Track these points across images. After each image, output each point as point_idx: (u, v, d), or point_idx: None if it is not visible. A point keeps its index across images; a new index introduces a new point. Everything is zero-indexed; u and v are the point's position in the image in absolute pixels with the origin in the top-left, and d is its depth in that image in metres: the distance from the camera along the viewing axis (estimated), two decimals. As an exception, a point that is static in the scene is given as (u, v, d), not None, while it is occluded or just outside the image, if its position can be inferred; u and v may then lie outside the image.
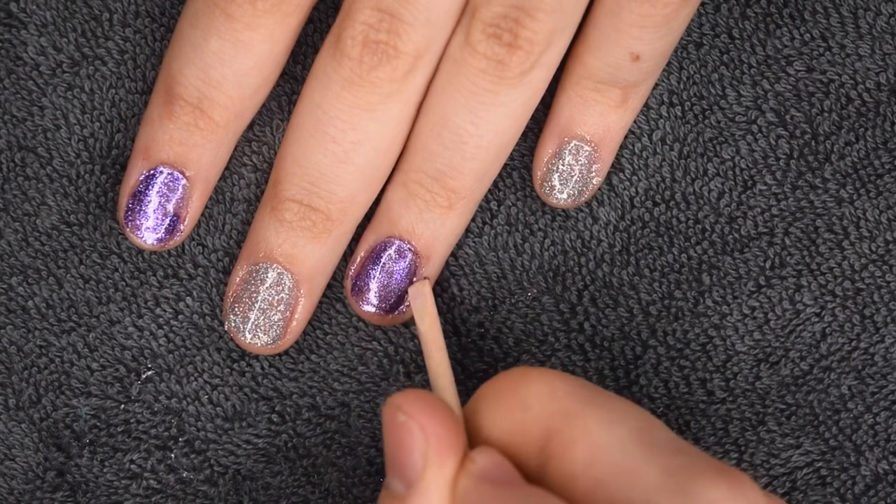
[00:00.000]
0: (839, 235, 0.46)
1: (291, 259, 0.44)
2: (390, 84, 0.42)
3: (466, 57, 0.42)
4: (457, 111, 0.43)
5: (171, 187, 0.44)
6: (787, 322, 0.46)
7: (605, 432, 0.36)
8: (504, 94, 0.42)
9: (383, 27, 0.41)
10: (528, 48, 0.42)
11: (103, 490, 0.46)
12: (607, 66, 0.43)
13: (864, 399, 0.46)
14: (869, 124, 0.46)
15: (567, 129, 0.45)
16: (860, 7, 0.46)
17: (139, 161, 0.44)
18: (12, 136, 0.46)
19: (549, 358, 0.46)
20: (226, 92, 0.43)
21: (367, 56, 0.41)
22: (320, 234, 0.43)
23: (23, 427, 0.46)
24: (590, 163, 0.45)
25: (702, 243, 0.46)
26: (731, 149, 0.46)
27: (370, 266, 0.44)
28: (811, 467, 0.46)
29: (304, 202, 0.43)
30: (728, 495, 0.35)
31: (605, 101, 0.44)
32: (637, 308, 0.46)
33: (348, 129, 0.42)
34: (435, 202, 0.43)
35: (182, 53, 0.43)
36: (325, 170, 0.43)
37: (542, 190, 0.45)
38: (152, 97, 0.44)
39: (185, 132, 0.43)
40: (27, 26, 0.46)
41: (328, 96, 0.42)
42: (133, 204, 0.44)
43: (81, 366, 0.46)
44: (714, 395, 0.46)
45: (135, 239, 0.44)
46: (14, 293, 0.46)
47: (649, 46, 0.43)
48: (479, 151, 0.43)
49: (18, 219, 0.46)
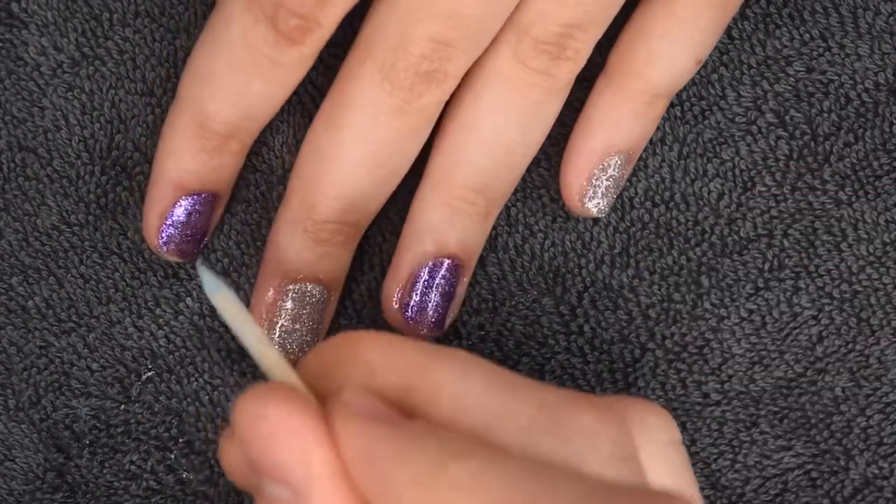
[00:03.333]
0: (837, 237, 0.46)
1: (329, 274, 0.44)
2: (438, 107, 0.42)
3: (518, 72, 0.42)
4: (508, 125, 0.43)
5: (203, 211, 0.44)
6: (784, 325, 0.46)
7: (464, 381, 0.34)
8: (550, 103, 0.43)
9: (437, 56, 0.41)
10: (576, 58, 0.42)
11: (103, 491, 0.46)
12: (671, 77, 0.43)
13: (858, 402, 0.46)
14: (868, 125, 0.46)
15: (613, 144, 0.44)
16: (859, 6, 0.46)
17: (170, 189, 0.43)
18: (13, 137, 0.46)
19: (549, 361, 0.46)
20: (261, 122, 0.43)
21: (418, 85, 0.41)
22: (350, 242, 0.44)
23: (22, 428, 0.46)
24: (624, 171, 0.45)
25: (701, 245, 0.46)
26: (730, 149, 0.46)
27: (415, 286, 0.44)
28: (802, 469, 0.46)
29: (341, 220, 0.43)
30: (598, 419, 0.34)
31: (653, 114, 0.44)
32: (636, 311, 0.46)
33: (395, 153, 0.42)
34: (476, 213, 0.44)
35: (221, 96, 0.42)
36: (367, 192, 0.43)
37: (582, 204, 0.45)
38: (177, 126, 0.43)
39: (219, 160, 0.43)
40: (28, 26, 0.46)
41: (378, 126, 0.42)
42: (168, 229, 0.44)
43: (81, 366, 0.46)
44: (709, 398, 0.46)
45: (173, 258, 0.44)
46: (14, 293, 0.46)
47: (707, 49, 0.43)
48: (524, 160, 0.44)
49: (19, 219, 0.46)
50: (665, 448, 0.37)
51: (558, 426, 0.34)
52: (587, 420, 0.34)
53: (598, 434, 0.34)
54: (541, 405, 0.34)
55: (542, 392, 0.35)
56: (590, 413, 0.34)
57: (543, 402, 0.34)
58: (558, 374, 0.46)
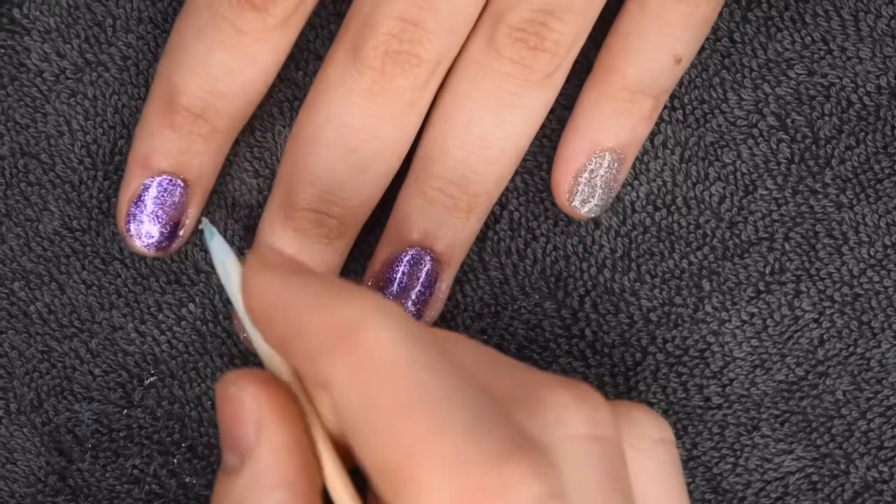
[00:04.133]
0: (838, 240, 0.46)
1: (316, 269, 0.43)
2: (412, 92, 0.42)
3: (492, 61, 0.42)
4: (483, 116, 0.42)
5: (172, 194, 0.43)
6: (786, 328, 0.46)
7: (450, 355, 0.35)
8: (528, 95, 0.42)
9: (406, 37, 0.41)
10: (555, 50, 0.42)
11: (105, 494, 0.46)
12: (649, 73, 0.43)
13: (859, 405, 0.46)
14: (869, 128, 0.46)
15: (599, 143, 0.44)
16: (861, 10, 0.46)
17: (139, 169, 0.43)
18: (15, 143, 0.46)
19: (551, 364, 0.46)
20: (230, 101, 0.43)
21: (389, 66, 0.41)
22: (334, 239, 0.43)
23: (25, 431, 0.46)
24: (617, 172, 0.44)
25: (702, 248, 0.46)
26: (732, 153, 0.46)
27: (392, 277, 0.44)
28: (802, 473, 0.46)
29: (321, 210, 0.43)
30: (575, 398, 0.35)
31: (639, 112, 0.44)
32: (638, 314, 0.46)
33: (370, 139, 0.42)
34: (456, 207, 0.43)
35: (185, 64, 0.42)
36: (344, 179, 0.42)
37: (570, 202, 0.45)
38: (150, 105, 0.43)
39: (188, 141, 0.43)
40: (30, 32, 0.46)
41: (349, 107, 0.42)
42: (134, 212, 0.44)
43: (84, 371, 0.46)
44: (710, 401, 0.46)
45: (136, 246, 0.44)
46: (16, 298, 0.46)
47: (689, 47, 0.43)
48: (503, 154, 0.43)
49: (21, 224, 0.46)
50: (656, 445, 0.37)
51: (532, 400, 0.35)
52: (563, 398, 0.35)
53: (571, 410, 0.35)
54: (520, 381, 0.35)
55: (524, 372, 0.36)
56: (566, 392, 0.35)
57: (522, 379, 0.35)
58: (560, 378, 0.46)
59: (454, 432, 0.32)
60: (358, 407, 0.33)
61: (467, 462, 0.32)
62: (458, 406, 0.33)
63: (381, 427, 0.33)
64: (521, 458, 0.32)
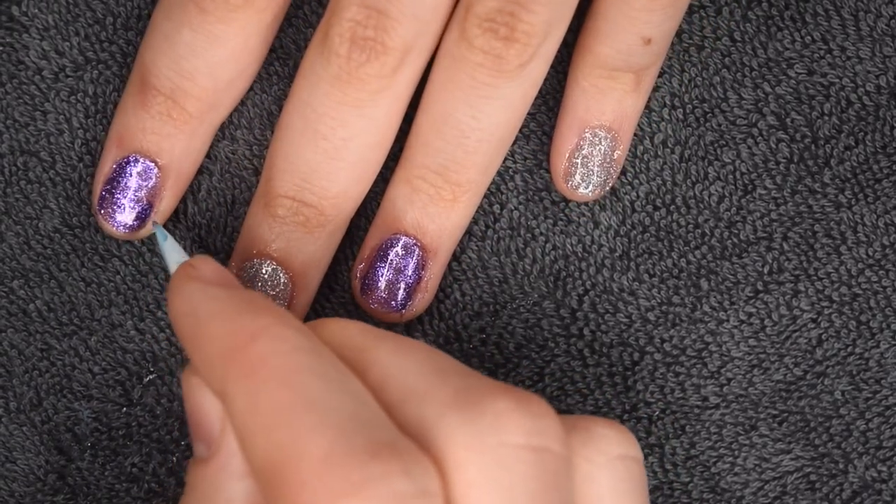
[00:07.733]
0: (837, 240, 0.46)
1: (286, 254, 0.44)
2: (379, 80, 0.42)
3: (463, 52, 0.42)
4: (457, 106, 0.43)
5: (144, 176, 0.44)
6: (784, 328, 0.46)
7: (395, 360, 0.37)
8: (503, 86, 0.42)
9: (370, 23, 0.41)
10: (526, 41, 0.42)
11: (104, 493, 0.46)
12: (619, 53, 0.43)
13: (857, 405, 0.46)
14: (868, 128, 0.46)
15: (586, 121, 0.45)
16: (861, 9, 0.46)
17: (113, 149, 0.44)
18: (15, 141, 0.46)
19: (549, 363, 0.46)
20: (199, 83, 0.43)
21: (355, 53, 0.41)
22: (314, 228, 0.44)
23: (24, 430, 0.46)
24: (611, 150, 0.45)
25: (701, 248, 0.46)
26: (731, 152, 0.46)
27: (378, 263, 0.44)
28: (801, 472, 0.46)
29: (297, 198, 0.43)
30: (515, 406, 0.35)
31: (621, 87, 0.44)
32: (636, 314, 0.46)
33: (338, 126, 0.42)
34: (439, 196, 0.44)
35: (155, 44, 0.43)
36: (317, 166, 0.43)
37: (567, 185, 0.45)
38: (127, 87, 0.44)
39: (159, 122, 0.43)
40: (29, 30, 0.46)
41: (317, 94, 0.42)
42: (106, 191, 0.44)
43: (83, 369, 0.46)
44: (708, 401, 0.46)
45: (107, 226, 0.44)
46: (15, 296, 0.46)
47: (659, 28, 0.43)
48: (481, 145, 0.43)
49: (20, 222, 0.46)
50: (613, 461, 0.38)
51: (470, 406, 0.35)
52: (502, 406, 0.35)
53: (509, 419, 0.35)
54: (464, 388, 0.36)
55: (471, 379, 0.36)
56: (508, 400, 0.36)
57: (467, 387, 0.36)
58: (558, 377, 0.46)
59: (329, 431, 0.34)
60: (244, 411, 0.35)
61: (337, 459, 0.33)
62: (337, 408, 0.34)
63: (262, 427, 0.34)
64: (389, 455, 0.33)
